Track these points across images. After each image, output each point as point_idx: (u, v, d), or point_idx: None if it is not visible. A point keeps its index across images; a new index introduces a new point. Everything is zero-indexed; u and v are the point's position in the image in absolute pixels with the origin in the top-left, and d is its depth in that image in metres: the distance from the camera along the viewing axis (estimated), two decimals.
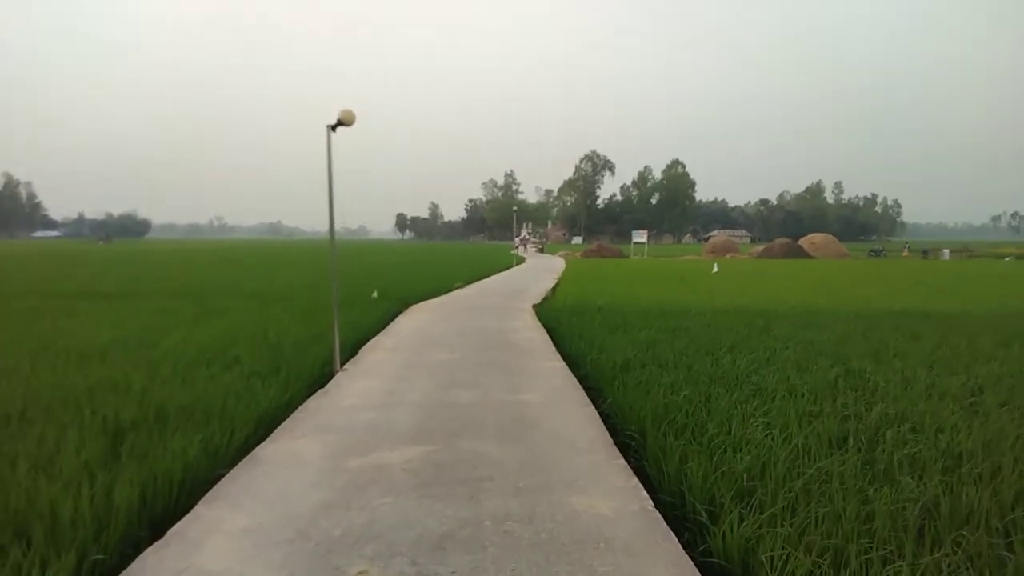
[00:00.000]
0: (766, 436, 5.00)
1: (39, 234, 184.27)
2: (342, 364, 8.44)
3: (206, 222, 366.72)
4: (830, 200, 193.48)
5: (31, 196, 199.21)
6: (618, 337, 9.85)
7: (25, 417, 5.59)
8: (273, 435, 5.54)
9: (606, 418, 6.05)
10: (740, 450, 4.72)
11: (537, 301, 16.81)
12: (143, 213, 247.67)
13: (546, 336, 10.84)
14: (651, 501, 4.17)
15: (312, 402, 6.63)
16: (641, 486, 4.39)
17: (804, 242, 56.99)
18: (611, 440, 5.33)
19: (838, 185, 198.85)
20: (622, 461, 4.84)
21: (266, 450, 5.13)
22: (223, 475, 4.69)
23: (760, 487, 4.10)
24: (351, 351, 9.59)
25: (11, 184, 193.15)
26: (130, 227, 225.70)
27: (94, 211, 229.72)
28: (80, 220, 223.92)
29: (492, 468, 4.64)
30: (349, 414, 6.09)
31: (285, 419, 6.06)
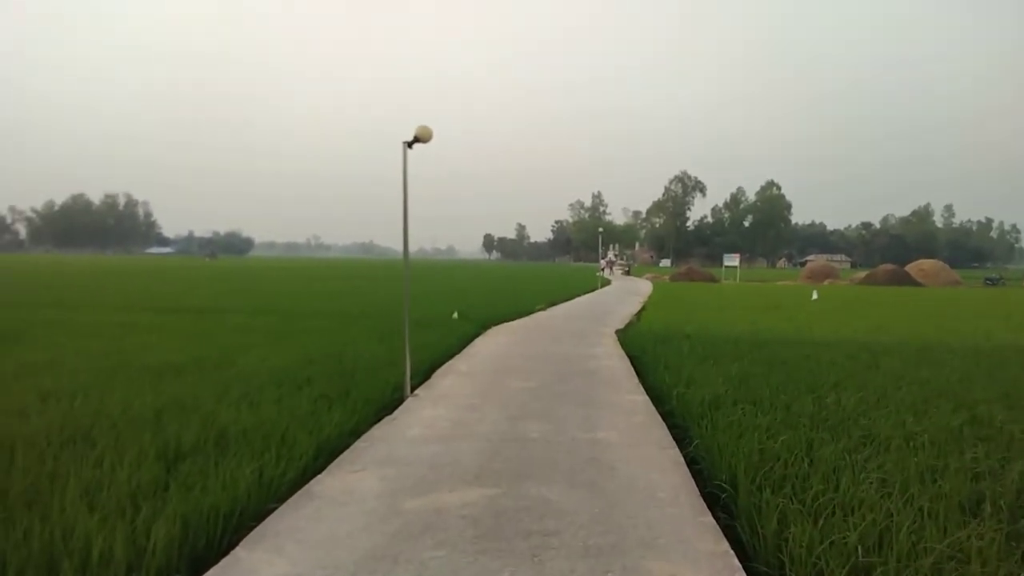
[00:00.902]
0: (882, 496, 4.27)
1: (153, 250, 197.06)
2: (414, 388, 8.15)
3: (304, 240, 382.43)
4: (939, 224, 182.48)
5: (147, 215, 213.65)
6: (707, 369, 9.13)
7: (89, 438, 5.51)
8: (332, 466, 5.23)
9: (692, 463, 5.43)
10: (851, 513, 4.03)
11: (621, 326, 16.16)
12: (247, 232, 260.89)
13: (628, 365, 10.23)
14: (744, 573, 3.56)
15: (377, 430, 6.32)
16: (732, 553, 3.77)
17: (911, 268, 53.51)
18: (697, 490, 4.73)
19: (948, 208, 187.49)
20: (710, 519, 4.23)
21: (322, 483, 4.82)
22: (273, 509, 4.40)
23: (879, 564, 3.42)
24: (425, 374, 9.30)
25: (131, 203, 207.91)
26: (235, 244, 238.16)
27: (203, 229, 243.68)
28: (190, 237, 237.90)
29: (560, 520, 4.13)
30: (413, 446, 5.73)
31: (347, 448, 5.76)
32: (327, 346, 10.97)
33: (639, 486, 4.73)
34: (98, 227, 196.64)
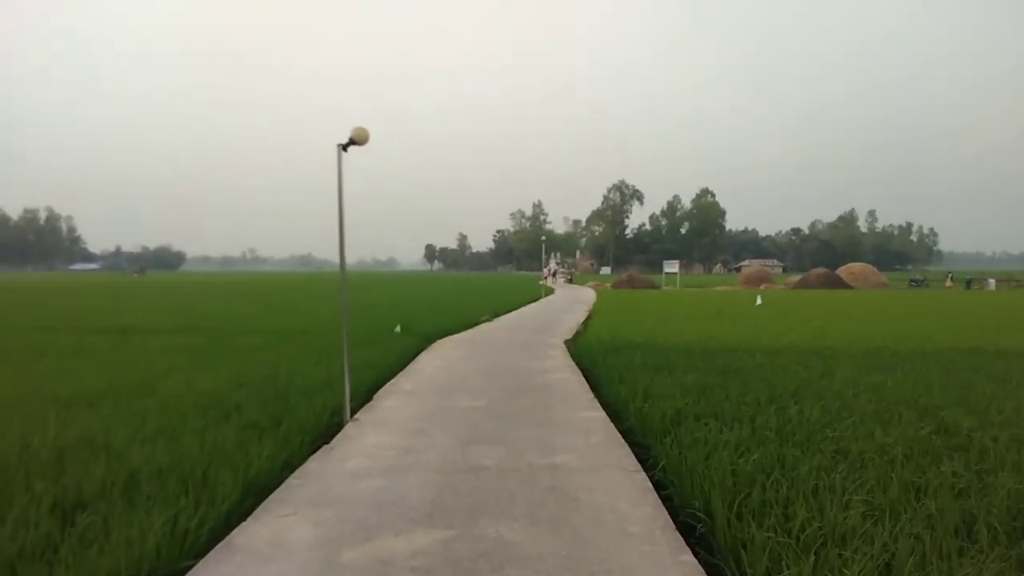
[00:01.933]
0: (874, 523, 3.93)
1: (77, 266, 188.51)
2: (354, 412, 7.53)
3: (239, 254, 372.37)
4: (864, 229, 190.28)
5: (71, 230, 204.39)
6: (663, 380, 8.80)
7: None
8: (260, 509, 4.60)
9: (660, 487, 5.01)
10: (844, 545, 3.66)
11: (569, 336, 15.79)
12: (178, 246, 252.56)
13: (581, 378, 9.82)
14: None
15: (313, 463, 5.69)
16: None
17: (842, 271, 55.21)
18: (671, 522, 4.29)
19: (871, 214, 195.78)
20: (690, 557, 3.79)
21: (247, 532, 4.19)
22: (188, 568, 3.76)
23: None
24: (366, 395, 8.68)
25: (53, 218, 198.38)
26: (166, 259, 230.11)
27: (131, 244, 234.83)
28: (117, 253, 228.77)
29: (523, 567, 3.63)
30: (353, 481, 5.14)
31: (279, 485, 5.13)
32: (260, 367, 10.21)
33: (607, 520, 4.27)
34: (17, 243, 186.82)
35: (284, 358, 11.15)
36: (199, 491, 4.71)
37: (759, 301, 28.84)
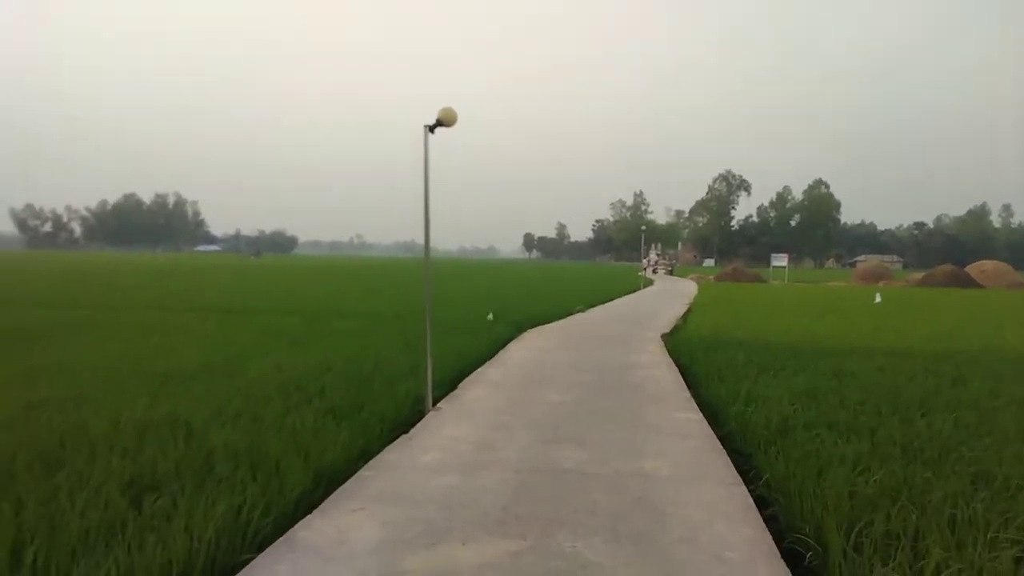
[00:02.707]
0: None
1: (201, 248, 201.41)
2: (437, 401, 7.29)
3: (347, 239, 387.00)
4: (996, 224, 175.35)
5: (196, 213, 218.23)
6: (768, 382, 8.09)
7: (56, 460, 4.79)
8: (328, 502, 4.39)
9: (763, 505, 4.45)
10: None
11: (666, 330, 15.09)
12: (291, 231, 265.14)
13: (678, 376, 9.21)
14: None
15: (389, 453, 5.46)
16: None
17: (972, 269, 50.77)
18: (776, 549, 3.75)
19: (1006, 208, 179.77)
20: None
21: (310, 527, 3.97)
22: (246, 562, 3.57)
23: None
24: (451, 384, 8.45)
25: (180, 202, 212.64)
26: (280, 243, 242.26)
27: (249, 228, 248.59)
28: (237, 236, 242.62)
29: None
30: (426, 476, 4.85)
31: (351, 476, 4.92)
32: (349, 351, 10.21)
33: (701, 541, 3.77)
34: (149, 226, 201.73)
35: (374, 343, 11.13)
36: (269, 478, 4.55)
37: (878, 299, 26.74)
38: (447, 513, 4.13)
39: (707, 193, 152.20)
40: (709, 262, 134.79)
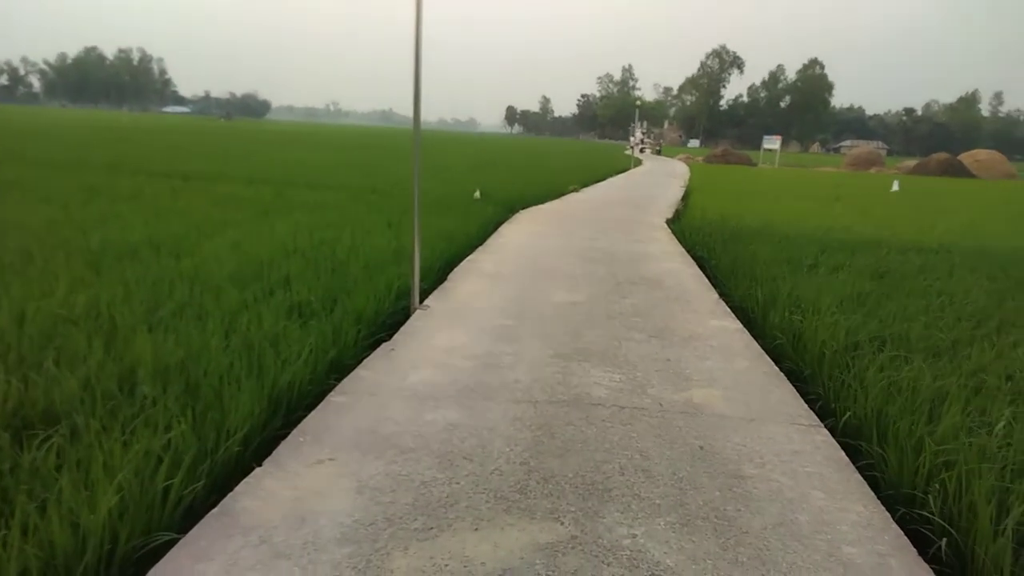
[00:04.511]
0: None
1: (169, 109, 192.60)
2: (423, 297, 6.12)
3: (322, 106, 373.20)
4: (986, 113, 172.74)
5: (162, 71, 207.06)
6: (805, 282, 7.00)
7: None
8: (284, 446, 3.27)
9: (852, 453, 3.42)
10: None
11: (669, 215, 13.89)
12: (264, 94, 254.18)
13: (697, 271, 8.09)
14: None
15: (367, 369, 4.32)
16: None
17: (965, 158, 49.56)
18: (903, 536, 2.72)
19: (997, 96, 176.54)
20: None
21: (258, 491, 2.86)
22: (163, 548, 2.48)
23: None
24: (439, 273, 7.26)
25: (145, 59, 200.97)
26: (252, 107, 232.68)
27: (220, 90, 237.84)
28: (207, 98, 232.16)
29: None
30: (417, 407, 3.73)
31: (317, 403, 3.80)
32: (322, 229, 8.88)
33: (802, 526, 2.72)
34: (113, 83, 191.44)
35: (350, 220, 9.79)
36: (208, 409, 3.40)
37: (896, 187, 25.28)
38: (448, 472, 3.03)
39: (698, 70, 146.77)
40: (694, 143, 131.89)
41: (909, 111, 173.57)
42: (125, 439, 3.04)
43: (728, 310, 6.25)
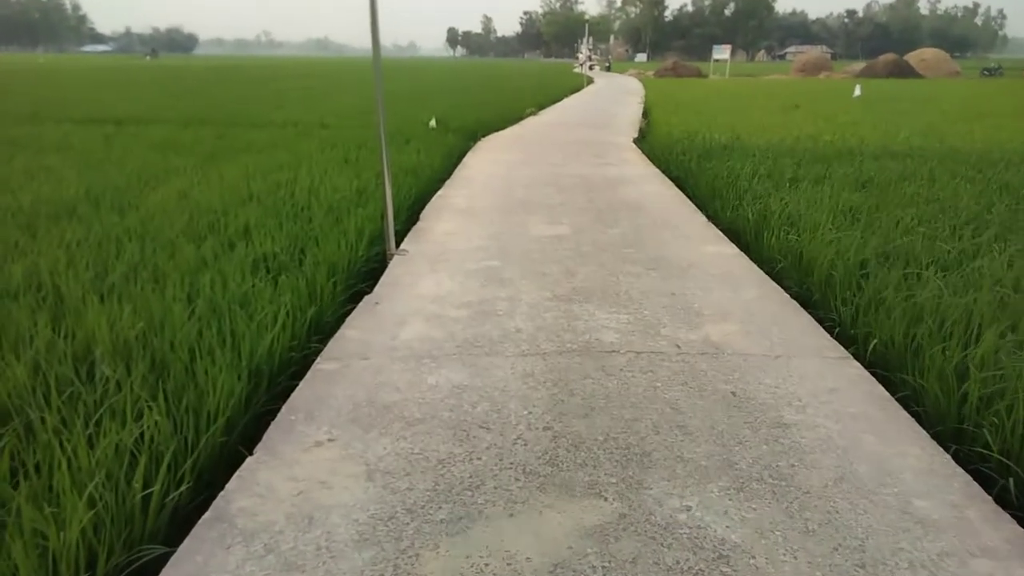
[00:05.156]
0: None
1: (88, 48, 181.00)
2: (399, 239, 5.67)
3: (253, 37, 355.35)
4: (924, 11, 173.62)
5: (75, 7, 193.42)
6: (790, 197, 6.75)
7: None
8: (274, 427, 2.89)
9: (886, 386, 3.20)
10: None
11: (635, 135, 13.47)
12: (190, 28, 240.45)
13: (677, 192, 7.77)
14: None
15: (352, 328, 3.93)
16: None
17: (911, 58, 49.77)
18: (962, 471, 2.52)
19: None
20: None
21: (252, 486, 2.49)
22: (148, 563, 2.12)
23: None
24: (410, 213, 6.80)
25: None
26: (178, 42, 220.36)
27: (141, 25, 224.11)
28: (128, 34, 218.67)
29: None
30: (415, 368, 3.37)
31: (304, 369, 3.42)
32: (274, 171, 8.25)
33: (863, 479, 2.47)
34: (21, 23, 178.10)
35: (303, 159, 9.13)
36: (182, 389, 2.99)
37: (858, 91, 24.88)
38: (465, 445, 2.70)
39: None
40: (641, 57, 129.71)
41: (851, 13, 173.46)
42: (90, 433, 2.64)
43: (719, 233, 5.97)
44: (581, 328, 3.83)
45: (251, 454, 2.69)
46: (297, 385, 3.27)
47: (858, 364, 3.42)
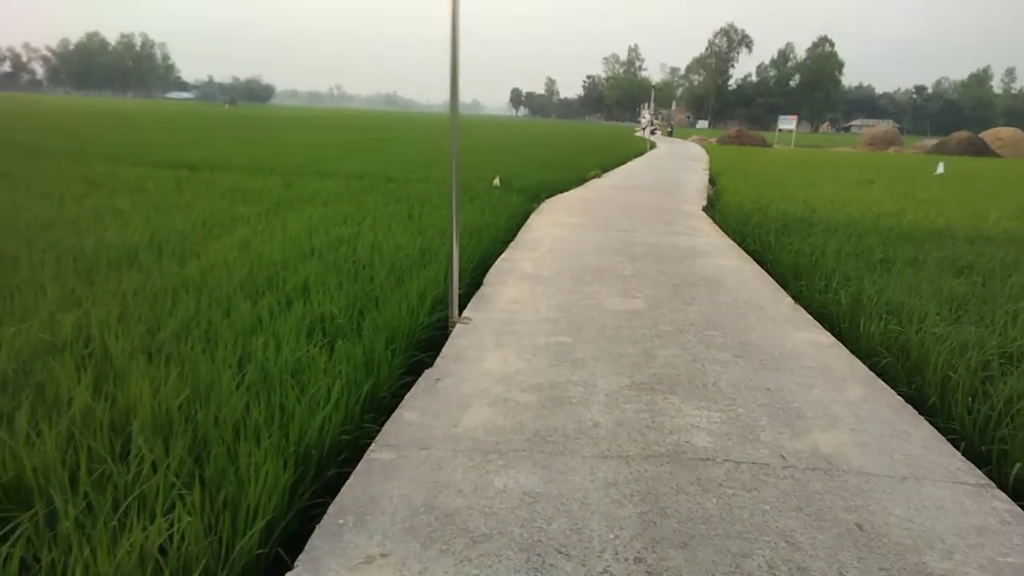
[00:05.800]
0: None
1: (173, 95, 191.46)
2: (462, 306, 5.34)
3: (326, 90, 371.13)
4: (997, 90, 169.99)
5: (165, 57, 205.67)
6: (884, 282, 6.22)
7: None
8: (317, 537, 2.51)
9: None
10: None
11: (703, 202, 13.05)
12: (267, 79, 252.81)
13: (756, 268, 7.29)
14: None
15: (411, 409, 3.56)
16: None
17: (987, 136, 48.32)
18: None
19: (1009, 72, 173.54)
20: None
21: None
22: None
23: None
24: (473, 275, 6.50)
25: (147, 44, 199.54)
26: (256, 91, 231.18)
27: (222, 75, 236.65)
28: (210, 83, 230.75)
29: None
30: (480, 465, 2.97)
31: (356, 456, 3.06)
32: (338, 224, 8.12)
33: None
34: (116, 68, 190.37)
35: (368, 213, 9.01)
36: (222, 479, 2.66)
37: (940, 169, 23.96)
38: (541, 575, 2.27)
39: (706, 49, 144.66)
40: (702, 124, 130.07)
41: (920, 88, 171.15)
42: (115, 525, 2.32)
43: (809, 318, 5.45)
44: (668, 426, 3.38)
45: (292, 565, 2.31)
46: (348, 475, 2.90)
47: (1004, 495, 2.88)
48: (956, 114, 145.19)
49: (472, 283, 6.29)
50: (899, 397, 3.89)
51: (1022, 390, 3.70)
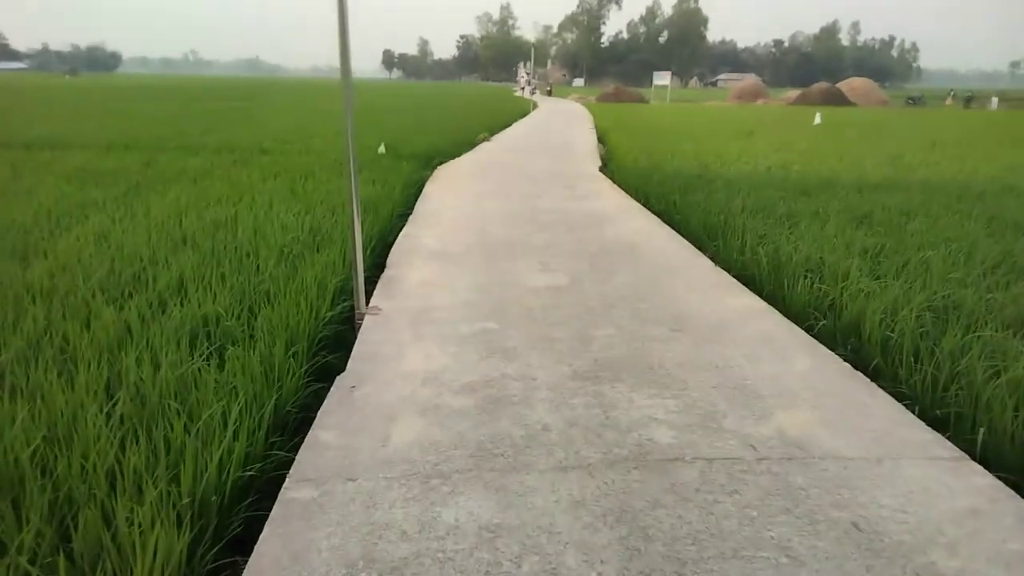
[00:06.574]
0: None
1: (2, 65, 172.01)
2: (368, 293, 4.77)
3: (180, 56, 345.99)
4: (845, 43, 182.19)
5: None
6: (795, 236, 6.19)
7: None
8: None
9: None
10: None
11: (598, 163, 12.87)
12: (113, 45, 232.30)
13: (667, 230, 7.10)
14: None
15: (325, 430, 3.01)
16: None
17: (843, 87, 51.50)
18: None
19: (855, 26, 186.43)
20: None
21: None
22: None
23: None
24: (374, 255, 5.93)
25: None
26: (100, 60, 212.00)
27: (60, 42, 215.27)
28: (46, 51, 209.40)
29: None
30: (417, 495, 2.50)
31: (264, 500, 2.51)
32: (212, 205, 7.25)
33: None
34: None
35: (243, 190, 8.12)
36: (94, 565, 2.05)
37: (818, 119, 25.03)
38: None
39: (577, 6, 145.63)
40: (579, 82, 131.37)
41: (778, 43, 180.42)
42: None
43: (734, 281, 5.28)
44: (624, 423, 3.03)
45: None
46: (260, 525, 2.36)
47: (980, 468, 2.73)
48: (811, 66, 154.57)
49: (375, 265, 5.72)
50: (846, 364, 3.72)
51: (962, 346, 3.64)
